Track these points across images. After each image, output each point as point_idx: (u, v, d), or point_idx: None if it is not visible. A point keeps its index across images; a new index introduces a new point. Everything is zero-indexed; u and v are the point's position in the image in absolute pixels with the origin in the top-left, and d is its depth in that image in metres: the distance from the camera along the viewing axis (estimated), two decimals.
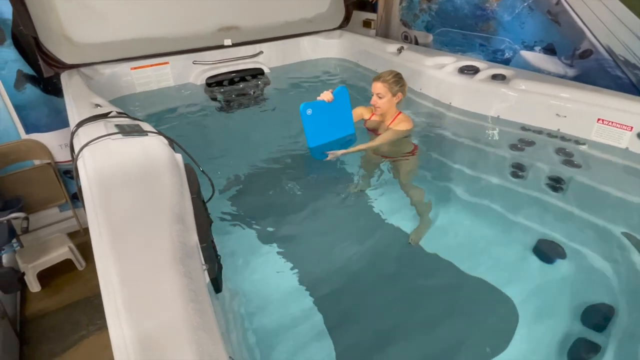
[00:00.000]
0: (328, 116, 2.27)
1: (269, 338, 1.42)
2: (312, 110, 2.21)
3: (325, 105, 2.23)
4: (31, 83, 2.71)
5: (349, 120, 2.38)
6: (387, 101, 2.20)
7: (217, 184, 1.54)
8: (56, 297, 2.58)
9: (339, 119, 2.33)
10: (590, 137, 2.22)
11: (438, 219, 1.98)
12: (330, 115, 2.28)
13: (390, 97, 2.20)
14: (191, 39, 3.24)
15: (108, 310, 0.81)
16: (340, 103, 2.29)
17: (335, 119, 2.31)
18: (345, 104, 2.32)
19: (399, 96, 2.22)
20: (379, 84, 2.19)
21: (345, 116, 2.35)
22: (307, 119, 2.22)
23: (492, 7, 2.93)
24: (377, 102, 2.22)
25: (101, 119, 1.57)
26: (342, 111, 2.32)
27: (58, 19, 2.62)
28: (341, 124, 2.35)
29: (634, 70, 2.27)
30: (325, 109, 2.24)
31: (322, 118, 2.26)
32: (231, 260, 1.64)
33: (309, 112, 2.20)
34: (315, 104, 2.22)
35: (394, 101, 2.23)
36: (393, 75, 2.20)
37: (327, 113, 2.26)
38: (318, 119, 2.25)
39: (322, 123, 2.27)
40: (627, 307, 1.43)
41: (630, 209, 1.86)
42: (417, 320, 1.53)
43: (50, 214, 3.08)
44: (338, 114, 2.31)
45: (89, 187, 1.15)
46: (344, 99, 2.30)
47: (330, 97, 2.21)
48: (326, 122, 2.28)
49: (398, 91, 2.20)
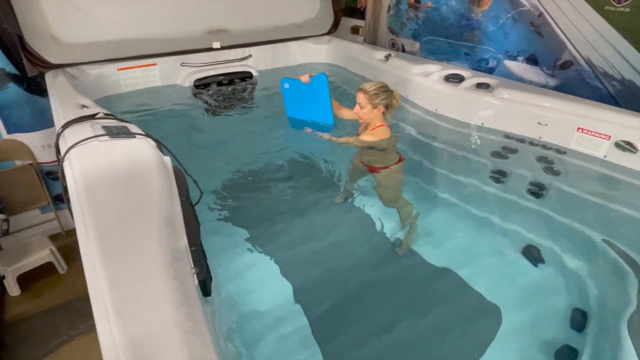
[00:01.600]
0: (306, 97, 2.52)
1: (257, 342, 1.42)
2: (290, 85, 2.52)
3: (302, 85, 2.47)
4: (14, 82, 2.65)
5: (327, 108, 2.51)
6: (368, 112, 2.16)
7: (205, 187, 1.54)
8: (36, 301, 2.52)
9: (316, 103, 2.52)
10: (571, 145, 2.29)
11: (423, 224, 2.02)
12: (308, 96, 2.51)
13: (370, 109, 2.15)
14: (180, 40, 3.22)
15: (97, 313, 0.80)
16: (317, 88, 2.46)
17: (313, 102, 2.52)
18: (323, 91, 2.46)
19: (380, 108, 2.16)
20: (360, 95, 2.16)
21: (322, 102, 2.50)
22: (286, 92, 2.57)
23: (477, 17, 3.00)
24: (359, 112, 2.20)
25: (88, 120, 1.56)
26: (320, 97, 2.49)
27: (44, 18, 2.58)
28: (318, 109, 2.54)
29: (612, 81, 2.35)
30: (302, 88, 2.49)
31: (300, 96, 2.55)
32: (219, 263, 1.63)
33: (286, 85, 2.54)
34: (293, 81, 2.51)
35: (375, 113, 2.17)
36: (375, 87, 2.15)
37: (304, 93, 2.51)
38: (296, 96, 2.56)
39: (300, 101, 2.57)
40: (603, 311, 1.48)
41: (607, 215, 1.92)
42: (403, 325, 1.55)
43: (31, 215, 3.01)
44: (315, 98, 2.50)
45: (75, 189, 1.14)
46: (322, 86, 2.45)
47: (307, 79, 2.45)
48: (304, 101, 2.55)
49: (379, 104, 2.15)
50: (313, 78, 2.44)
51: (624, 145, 2.07)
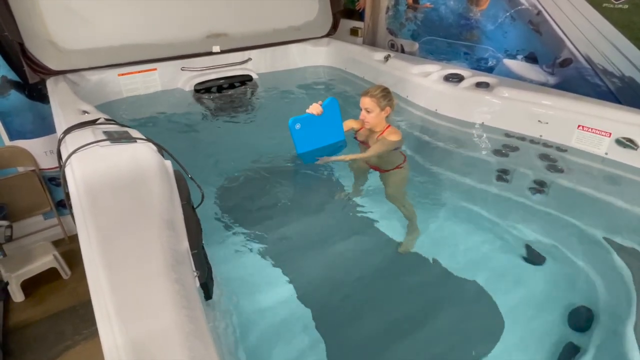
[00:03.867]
0: (317, 126, 2.27)
1: (260, 344, 1.42)
2: (301, 124, 2.21)
3: (314, 118, 2.22)
4: (15, 89, 2.67)
5: (339, 128, 2.37)
6: (376, 116, 2.18)
7: (206, 190, 1.54)
8: (40, 307, 2.53)
9: (329, 128, 2.33)
10: (571, 143, 2.28)
11: (425, 224, 2.01)
12: (320, 125, 2.27)
13: (379, 112, 2.18)
14: (179, 45, 3.23)
15: (99, 317, 0.80)
16: (329, 114, 2.28)
17: (325, 128, 2.31)
18: (335, 114, 2.31)
19: (387, 110, 2.20)
20: (367, 99, 2.17)
21: (335, 125, 2.35)
22: (296, 132, 2.23)
23: (476, 16, 3.00)
24: (366, 117, 2.20)
25: (89, 126, 1.56)
26: (332, 121, 2.32)
27: (44, 25, 2.60)
28: (331, 132, 2.35)
29: (612, 78, 2.35)
30: (314, 121, 2.24)
31: (310, 129, 2.26)
32: (221, 266, 1.63)
33: (297, 126, 2.21)
34: (304, 118, 2.22)
35: (382, 115, 2.20)
36: (381, 90, 2.18)
37: (316, 124, 2.26)
38: (307, 131, 2.25)
39: (311, 133, 2.27)
40: (607, 309, 1.47)
41: (609, 213, 1.91)
42: (404, 323, 1.56)
43: (34, 221, 3.03)
44: (327, 124, 2.31)
45: (77, 195, 1.14)
46: (333, 110, 2.29)
47: (320, 110, 2.22)
48: (315, 132, 2.28)
49: (386, 105, 2.18)
50: (324, 105, 2.25)
51: (625, 142, 2.06)
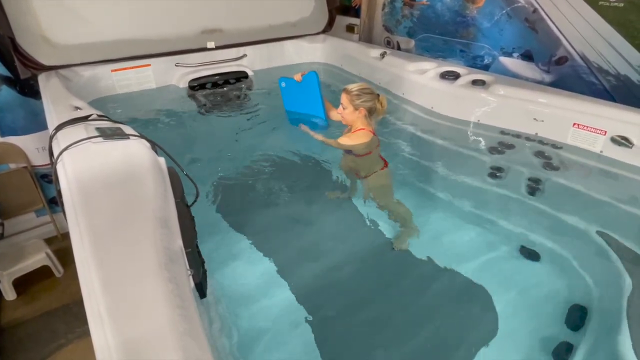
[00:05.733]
0: (299, 93, 2.70)
1: (254, 343, 1.41)
2: (286, 84, 2.74)
3: (295, 83, 2.64)
4: (7, 84, 2.63)
5: (318, 103, 2.64)
6: (350, 113, 2.14)
7: (200, 188, 1.53)
8: (33, 305, 2.51)
9: (307, 99, 2.67)
10: (567, 141, 2.29)
11: (420, 221, 2.01)
12: (301, 93, 2.68)
13: (352, 110, 2.12)
14: (173, 41, 3.20)
15: (90, 316, 0.79)
16: (308, 86, 2.61)
17: (304, 97, 2.68)
18: (313, 88, 2.61)
19: (361, 111, 2.12)
20: (343, 95, 2.14)
21: (313, 98, 2.64)
22: (283, 90, 2.79)
23: (472, 14, 2.99)
24: (342, 112, 2.18)
25: (81, 122, 1.54)
26: (311, 93, 2.64)
27: (36, 20, 2.56)
28: (309, 103, 2.68)
29: (607, 76, 2.35)
30: (296, 86, 2.67)
31: (293, 93, 2.74)
32: (216, 265, 1.62)
33: (283, 84, 2.76)
34: (288, 80, 2.72)
35: (356, 114, 2.13)
36: (358, 89, 2.12)
37: (297, 90, 2.69)
38: (291, 92, 2.76)
39: (294, 97, 2.75)
40: (601, 306, 1.48)
41: (604, 210, 1.92)
42: (400, 323, 1.55)
43: (26, 219, 3.00)
44: (306, 94, 2.66)
45: (69, 192, 1.12)
46: (312, 83, 2.59)
47: (299, 77, 2.61)
48: (297, 97, 2.73)
49: (360, 105, 2.11)
50: (304, 76, 2.60)
51: (620, 140, 2.07)
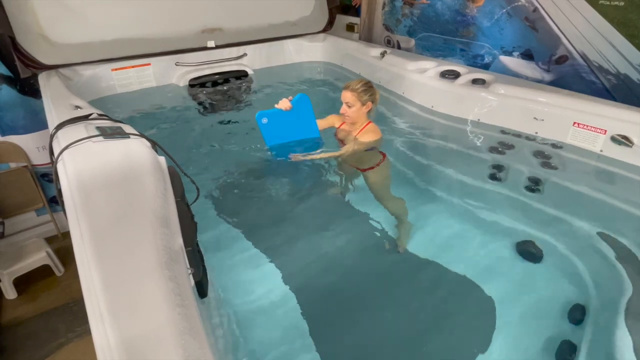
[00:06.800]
0: (286, 122, 2.25)
1: (255, 343, 1.41)
2: (268, 119, 2.21)
3: (282, 113, 2.20)
4: (7, 84, 2.63)
5: (312, 124, 2.33)
6: (356, 110, 2.15)
7: (201, 187, 1.53)
8: (33, 304, 2.51)
9: (300, 124, 2.30)
10: (567, 140, 2.29)
11: (420, 221, 2.01)
12: (289, 121, 2.25)
13: (360, 106, 2.15)
14: (174, 40, 3.20)
15: (91, 315, 0.79)
16: (300, 110, 2.25)
17: (295, 124, 2.28)
18: (306, 110, 2.27)
19: (368, 105, 2.16)
20: (348, 93, 2.14)
21: (306, 121, 2.30)
22: (263, 126, 2.23)
23: (472, 13, 2.99)
24: (347, 111, 2.17)
25: (81, 121, 1.54)
26: (303, 117, 2.28)
27: (36, 19, 2.56)
28: (302, 127, 2.32)
29: (607, 75, 2.35)
30: (282, 115, 2.21)
31: (279, 124, 2.24)
32: (216, 264, 1.62)
33: (264, 120, 2.21)
34: (271, 113, 2.20)
35: (363, 110, 2.17)
36: (362, 84, 2.14)
37: (284, 119, 2.23)
38: (275, 125, 2.24)
39: (281, 128, 2.26)
40: (601, 306, 1.48)
41: (604, 209, 1.92)
42: (400, 321, 1.55)
43: (26, 218, 3.00)
44: (298, 119, 2.27)
45: (69, 191, 1.12)
46: (304, 106, 2.25)
47: (288, 105, 2.18)
48: (285, 127, 2.27)
49: (367, 100, 2.15)
50: (294, 101, 2.21)
51: (620, 139, 2.07)
